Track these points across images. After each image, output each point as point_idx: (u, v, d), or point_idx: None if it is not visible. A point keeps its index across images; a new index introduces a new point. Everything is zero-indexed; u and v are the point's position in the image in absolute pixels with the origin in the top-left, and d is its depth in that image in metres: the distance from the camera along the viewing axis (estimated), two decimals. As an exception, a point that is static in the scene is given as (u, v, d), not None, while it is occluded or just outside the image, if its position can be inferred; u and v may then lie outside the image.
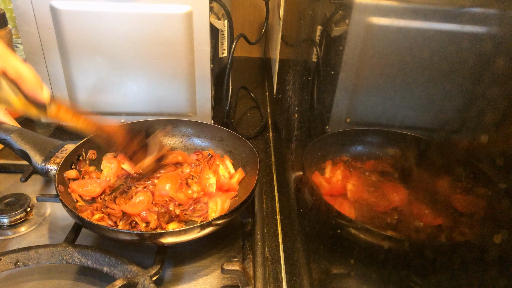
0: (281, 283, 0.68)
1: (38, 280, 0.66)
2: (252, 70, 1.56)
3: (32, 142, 0.74)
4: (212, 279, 0.68)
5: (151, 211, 0.71)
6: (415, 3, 0.50)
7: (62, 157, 0.75)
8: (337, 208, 0.60)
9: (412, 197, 0.60)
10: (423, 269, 0.40)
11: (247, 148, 0.83)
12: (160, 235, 0.62)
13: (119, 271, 0.63)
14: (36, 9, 0.85)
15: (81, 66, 0.91)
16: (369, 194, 0.66)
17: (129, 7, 0.85)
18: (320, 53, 0.72)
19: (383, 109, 0.57)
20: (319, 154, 0.73)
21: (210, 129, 0.90)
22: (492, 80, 0.34)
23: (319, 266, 0.60)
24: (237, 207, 0.67)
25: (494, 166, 0.31)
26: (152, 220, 0.70)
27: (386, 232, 0.52)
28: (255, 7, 1.53)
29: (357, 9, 0.57)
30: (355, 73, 0.59)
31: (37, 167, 0.73)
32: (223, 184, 0.79)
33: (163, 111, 0.98)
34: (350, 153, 0.75)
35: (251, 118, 1.20)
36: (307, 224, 0.66)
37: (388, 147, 0.72)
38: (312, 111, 0.75)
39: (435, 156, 0.47)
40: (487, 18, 0.36)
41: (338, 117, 0.65)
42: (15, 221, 0.77)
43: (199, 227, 0.63)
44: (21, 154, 0.73)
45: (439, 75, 0.45)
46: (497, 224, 0.30)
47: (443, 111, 0.45)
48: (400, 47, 0.51)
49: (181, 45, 0.89)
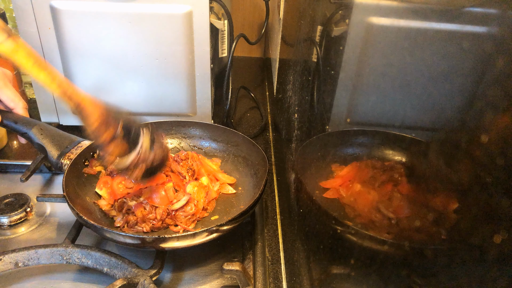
0: (281, 283, 0.68)
1: (38, 280, 0.66)
2: (252, 70, 1.56)
3: (51, 137, 0.76)
4: (212, 279, 0.68)
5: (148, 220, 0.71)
6: (415, 3, 0.50)
7: (76, 153, 0.76)
8: (329, 210, 0.60)
9: (409, 198, 0.60)
10: (424, 269, 0.40)
11: (260, 155, 0.82)
12: (163, 239, 0.62)
13: (119, 271, 0.63)
14: (36, 9, 0.85)
15: (81, 66, 0.91)
16: (363, 195, 0.66)
17: (129, 7, 0.85)
18: (320, 53, 0.72)
19: (383, 109, 0.57)
20: (310, 156, 0.73)
21: (228, 133, 0.90)
22: (492, 80, 0.34)
23: (319, 266, 0.60)
24: (243, 212, 0.67)
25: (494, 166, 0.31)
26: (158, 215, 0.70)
27: (381, 236, 0.52)
28: (255, 7, 1.53)
29: (357, 9, 0.57)
30: (355, 73, 0.59)
31: (52, 161, 0.75)
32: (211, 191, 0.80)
33: (163, 111, 0.98)
34: (340, 155, 0.75)
35: (251, 118, 1.20)
36: (307, 224, 0.66)
37: (378, 147, 0.72)
38: (312, 111, 0.75)
39: (433, 157, 0.47)
40: (487, 18, 0.36)
41: (338, 117, 0.65)
42: (15, 221, 0.77)
43: (206, 231, 0.63)
44: (39, 148, 0.75)
45: (439, 75, 0.45)
46: (496, 224, 0.31)
47: (443, 111, 0.45)
48: (400, 47, 0.51)
49: (181, 45, 0.89)
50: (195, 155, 0.83)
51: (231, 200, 0.80)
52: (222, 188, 0.82)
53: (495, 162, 0.30)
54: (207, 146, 0.91)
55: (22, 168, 0.88)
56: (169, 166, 0.78)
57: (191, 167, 0.79)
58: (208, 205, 0.77)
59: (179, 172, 0.77)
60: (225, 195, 0.81)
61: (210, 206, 0.77)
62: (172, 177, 0.76)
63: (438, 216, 0.53)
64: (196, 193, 0.75)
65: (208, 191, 0.78)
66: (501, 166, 0.29)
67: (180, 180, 0.76)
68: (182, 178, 0.77)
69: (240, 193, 0.82)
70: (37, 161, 0.82)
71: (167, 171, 0.77)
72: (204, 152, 0.90)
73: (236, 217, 0.65)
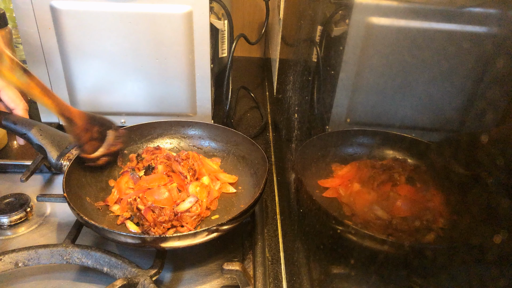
0: (281, 283, 0.68)
1: (38, 280, 0.66)
2: (252, 70, 1.56)
3: (50, 138, 0.76)
4: (212, 279, 0.68)
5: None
6: (415, 3, 0.50)
7: (76, 153, 0.76)
8: (328, 210, 0.60)
9: (408, 198, 0.60)
10: (424, 270, 0.40)
11: (259, 155, 0.82)
12: (163, 239, 0.62)
13: (119, 271, 0.63)
14: (36, 9, 0.85)
15: (81, 66, 0.91)
16: (361, 195, 0.66)
17: (129, 7, 0.85)
18: (320, 53, 0.72)
19: (383, 109, 0.57)
20: (310, 156, 0.73)
21: (227, 133, 0.90)
22: (492, 80, 0.34)
23: (319, 266, 0.60)
24: (243, 211, 0.67)
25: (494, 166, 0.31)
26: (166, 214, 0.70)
27: (381, 236, 0.52)
28: (255, 7, 1.53)
29: (357, 9, 0.57)
30: (355, 73, 0.59)
31: (52, 162, 0.75)
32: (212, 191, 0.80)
33: (163, 111, 0.98)
34: (340, 155, 0.75)
35: (251, 118, 1.20)
36: (307, 224, 0.66)
37: (378, 147, 0.72)
38: (312, 111, 0.75)
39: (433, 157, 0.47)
40: (487, 18, 0.36)
41: (338, 117, 0.65)
42: (15, 221, 0.77)
43: (206, 231, 0.63)
44: (39, 149, 0.75)
45: (439, 75, 0.45)
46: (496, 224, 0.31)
47: (443, 111, 0.45)
48: (400, 47, 0.51)
49: (181, 45, 0.89)
50: (195, 155, 0.83)
51: (231, 199, 0.80)
52: (223, 187, 0.82)
53: (495, 162, 0.30)
54: (207, 146, 0.91)
55: (22, 168, 0.88)
56: (170, 167, 0.78)
57: (192, 167, 0.79)
58: (211, 205, 0.77)
59: (181, 172, 0.77)
60: (225, 195, 0.81)
61: (213, 205, 0.77)
62: (174, 178, 0.76)
63: (436, 216, 0.53)
64: (199, 193, 0.75)
65: (210, 190, 0.78)
66: (501, 166, 0.29)
67: (182, 180, 0.76)
68: (183, 178, 0.77)
69: (240, 192, 0.82)
70: (37, 161, 0.82)
71: (169, 171, 0.77)
72: (204, 152, 0.90)
73: (236, 216, 0.65)
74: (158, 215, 0.69)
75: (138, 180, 0.77)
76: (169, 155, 0.81)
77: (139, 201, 0.71)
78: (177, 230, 0.71)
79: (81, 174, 0.77)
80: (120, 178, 0.80)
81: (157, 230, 0.69)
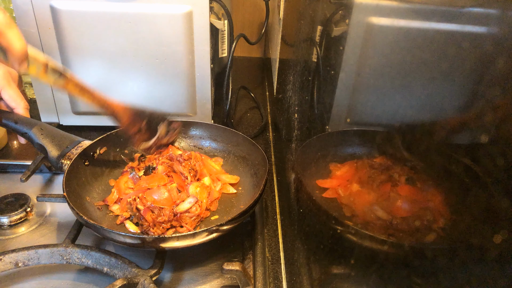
0: (281, 283, 0.68)
1: (38, 280, 0.66)
2: (252, 70, 1.56)
3: (51, 137, 0.76)
4: (212, 279, 0.68)
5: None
6: (415, 3, 0.50)
7: (76, 153, 0.76)
8: (328, 211, 0.60)
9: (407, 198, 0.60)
10: (424, 270, 0.40)
11: (260, 155, 0.82)
12: (163, 239, 0.62)
13: (119, 271, 0.63)
14: (36, 9, 0.85)
15: (81, 66, 0.91)
16: (359, 195, 0.66)
17: (129, 7, 0.85)
18: (320, 53, 0.72)
19: (383, 109, 0.57)
20: (310, 156, 0.73)
21: (228, 133, 0.90)
22: (492, 80, 0.34)
23: (319, 266, 0.60)
24: (243, 212, 0.67)
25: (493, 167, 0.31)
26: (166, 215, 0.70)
27: (381, 236, 0.52)
28: (255, 7, 1.53)
29: (357, 9, 0.57)
30: (355, 73, 0.59)
31: (53, 161, 0.75)
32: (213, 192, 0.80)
33: (163, 111, 0.98)
34: (340, 155, 0.75)
35: (251, 118, 1.20)
36: (307, 224, 0.66)
37: (378, 147, 0.72)
38: (312, 111, 0.75)
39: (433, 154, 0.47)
40: (487, 18, 0.36)
41: (338, 117, 0.65)
42: (15, 221, 0.77)
43: (206, 231, 0.63)
44: (40, 148, 0.75)
45: (439, 75, 0.45)
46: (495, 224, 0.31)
47: (443, 111, 0.45)
48: (400, 47, 0.51)
49: (181, 45, 0.89)
50: (198, 155, 0.83)
51: (231, 200, 0.80)
52: (223, 188, 0.82)
53: (495, 163, 0.30)
54: (207, 146, 0.91)
55: (22, 168, 0.88)
56: (172, 167, 0.78)
57: (193, 167, 0.79)
58: (211, 205, 0.77)
59: (181, 172, 0.77)
60: (225, 195, 0.81)
61: (212, 206, 0.77)
62: (175, 178, 0.76)
63: (436, 216, 0.53)
64: (199, 193, 0.75)
65: (210, 191, 0.78)
66: (502, 166, 0.29)
67: (182, 180, 0.76)
68: (184, 178, 0.77)
69: (240, 193, 0.82)
70: (37, 161, 0.82)
71: (170, 172, 0.77)
72: (204, 152, 0.90)
73: (236, 217, 0.65)
74: (157, 215, 0.69)
75: (138, 180, 0.76)
76: (171, 155, 0.81)
77: (138, 201, 0.71)
78: (176, 230, 0.71)
79: (81, 173, 0.77)
80: (120, 178, 0.80)
81: (156, 230, 0.69)
